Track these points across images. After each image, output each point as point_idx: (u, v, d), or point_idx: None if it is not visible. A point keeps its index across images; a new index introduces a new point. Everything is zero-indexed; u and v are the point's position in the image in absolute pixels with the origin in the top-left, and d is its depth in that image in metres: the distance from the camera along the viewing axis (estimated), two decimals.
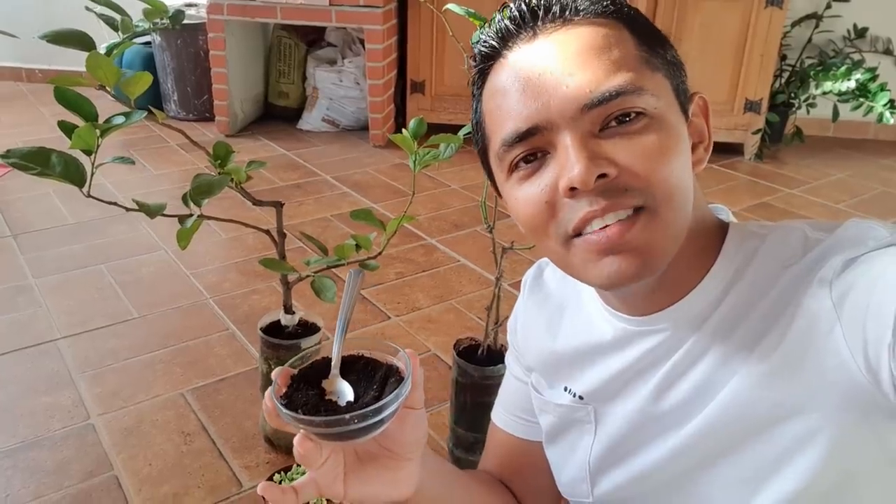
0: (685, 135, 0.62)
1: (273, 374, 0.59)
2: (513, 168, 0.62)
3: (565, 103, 0.57)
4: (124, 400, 1.68)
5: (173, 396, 1.70)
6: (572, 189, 0.57)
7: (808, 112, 3.58)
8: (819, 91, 3.32)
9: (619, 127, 0.57)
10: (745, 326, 0.61)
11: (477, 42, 0.65)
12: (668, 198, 0.57)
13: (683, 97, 0.63)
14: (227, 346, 1.90)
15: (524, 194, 0.61)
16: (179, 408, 1.66)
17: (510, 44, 0.62)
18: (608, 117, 0.57)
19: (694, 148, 0.64)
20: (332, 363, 0.60)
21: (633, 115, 0.57)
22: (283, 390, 0.58)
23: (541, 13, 0.61)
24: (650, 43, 0.61)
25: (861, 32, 3.60)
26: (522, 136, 0.59)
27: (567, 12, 0.60)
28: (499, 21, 0.63)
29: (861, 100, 3.15)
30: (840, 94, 3.21)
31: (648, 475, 0.69)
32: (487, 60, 0.64)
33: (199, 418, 1.63)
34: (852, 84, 3.15)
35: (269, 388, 0.57)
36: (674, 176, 0.58)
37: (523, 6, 0.61)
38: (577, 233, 0.59)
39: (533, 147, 0.60)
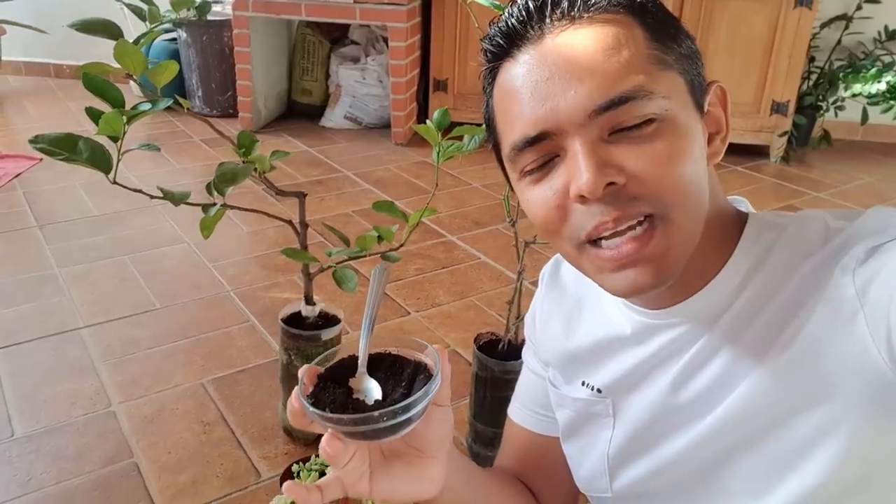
0: (699, 133, 0.60)
1: (300, 373, 0.57)
2: (525, 171, 0.62)
3: (573, 109, 0.56)
4: (145, 388, 1.69)
5: (194, 386, 1.71)
6: (582, 196, 0.56)
7: (836, 115, 3.53)
8: (848, 93, 3.27)
9: (628, 132, 0.56)
10: (766, 316, 0.60)
11: (486, 39, 0.64)
12: (680, 203, 0.57)
13: (699, 91, 0.61)
14: (248, 338, 1.90)
15: (535, 197, 0.61)
16: (199, 397, 1.67)
17: (518, 42, 0.60)
18: (618, 123, 0.56)
19: (711, 139, 0.63)
20: (360, 361, 0.59)
21: (643, 120, 0.56)
22: (310, 389, 0.57)
23: (548, 10, 0.59)
24: (663, 37, 0.59)
25: (892, 34, 3.53)
26: (532, 142, 0.59)
27: (575, 9, 0.58)
28: (506, 18, 0.61)
29: (891, 102, 3.09)
30: (870, 96, 3.16)
31: (669, 468, 0.68)
32: (497, 59, 0.62)
33: (219, 408, 1.64)
34: (882, 86, 3.09)
35: (296, 388, 0.56)
36: (685, 180, 0.57)
37: (530, 3, 0.60)
38: (590, 239, 0.59)
39: (543, 152, 0.59)
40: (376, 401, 0.56)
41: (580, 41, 0.57)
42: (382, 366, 0.60)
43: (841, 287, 0.55)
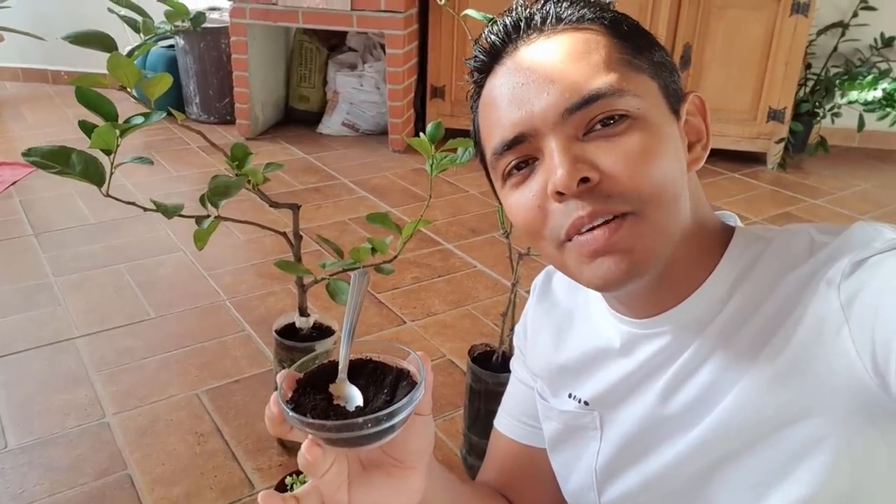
0: (675, 135, 0.62)
1: (278, 378, 0.57)
2: (506, 176, 0.64)
3: (547, 109, 0.59)
4: (139, 399, 1.68)
5: (188, 397, 1.70)
6: (559, 193, 0.58)
7: (832, 122, 3.53)
8: (844, 100, 3.26)
9: (602, 129, 0.59)
10: (751, 329, 0.60)
11: (470, 59, 0.67)
12: (654, 199, 0.58)
13: (673, 98, 0.63)
14: (243, 348, 1.90)
15: (517, 200, 0.63)
16: (194, 408, 1.66)
17: (497, 57, 0.64)
18: (591, 121, 0.59)
19: (691, 147, 0.65)
20: (340, 367, 0.58)
21: (616, 117, 0.58)
22: (289, 395, 0.56)
23: (523, 25, 0.63)
24: (634, 45, 0.62)
25: (888, 41, 3.54)
26: (510, 145, 0.61)
27: (548, 22, 0.62)
28: (486, 36, 0.65)
29: (887, 109, 3.08)
30: (866, 103, 3.15)
31: (656, 480, 0.68)
32: (480, 74, 0.66)
33: (213, 419, 1.63)
34: (878, 93, 3.08)
35: (275, 393, 0.55)
36: (659, 176, 0.58)
37: (507, 21, 0.64)
38: (570, 238, 0.60)
39: (521, 154, 0.62)
40: (357, 407, 0.55)
41: (552, 48, 0.61)
42: (364, 372, 0.59)
43: (826, 300, 0.56)
